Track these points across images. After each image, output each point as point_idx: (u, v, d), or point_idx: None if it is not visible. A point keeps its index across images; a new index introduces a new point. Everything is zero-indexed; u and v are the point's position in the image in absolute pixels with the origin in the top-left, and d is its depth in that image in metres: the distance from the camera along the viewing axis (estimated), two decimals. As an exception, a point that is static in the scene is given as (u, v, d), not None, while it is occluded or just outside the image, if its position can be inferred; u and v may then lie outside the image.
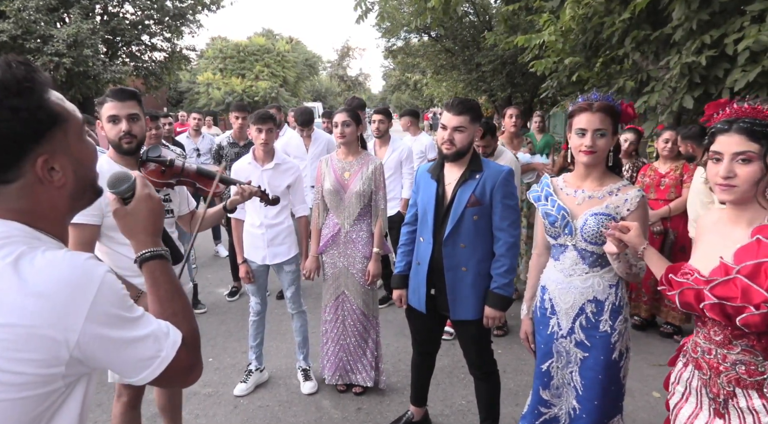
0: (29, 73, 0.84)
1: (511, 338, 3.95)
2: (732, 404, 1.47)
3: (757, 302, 1.32)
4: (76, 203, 0.97)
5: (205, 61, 29.07)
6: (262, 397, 3.23)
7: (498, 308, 2.33)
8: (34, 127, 0.85)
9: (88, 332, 0.84)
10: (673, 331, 4.05)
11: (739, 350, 1.44)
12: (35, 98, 0.85)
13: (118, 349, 0.88)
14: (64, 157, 0.90)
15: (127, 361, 0.90)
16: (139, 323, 0.91)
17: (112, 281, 0.89)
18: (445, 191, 2.41)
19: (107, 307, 0.86)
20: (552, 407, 2.14)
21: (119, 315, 0.88)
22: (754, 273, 1.34)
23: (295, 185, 3.27)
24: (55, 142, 0.89)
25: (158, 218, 1.09)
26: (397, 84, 34.96)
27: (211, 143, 6.07)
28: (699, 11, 4.14)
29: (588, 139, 1.89)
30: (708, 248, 1.54)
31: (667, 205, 3.94)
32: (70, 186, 0.92)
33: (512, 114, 4.57)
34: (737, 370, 1.45)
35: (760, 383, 1.41)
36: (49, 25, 14.24)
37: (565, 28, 5.52)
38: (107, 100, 2.02)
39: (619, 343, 1.96)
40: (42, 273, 0.82)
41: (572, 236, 1.97)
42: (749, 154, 1.39)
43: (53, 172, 0.89)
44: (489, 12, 13.66)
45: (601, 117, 1.89)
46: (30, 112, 0.84)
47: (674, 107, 4.52)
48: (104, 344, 0.86)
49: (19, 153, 0.85)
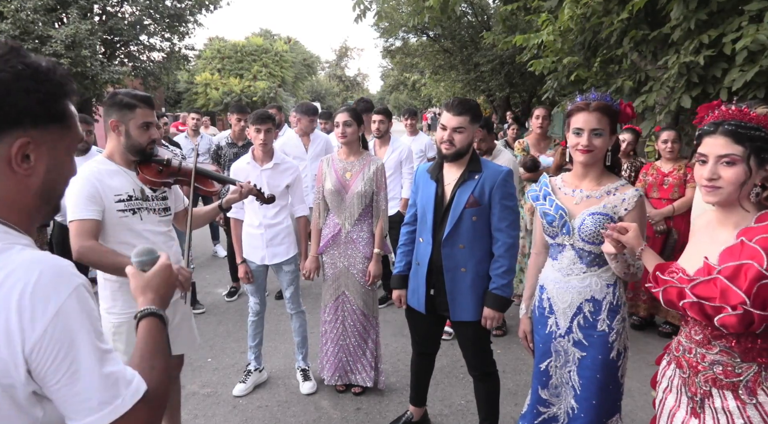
0: (66, 78, 0.91)
1: (510, 338, 3.95)
2: (708, 403, 1.48)
3: (734, 303, 1.33)
4: (40, 206, 0.93)
5: (203, 62, 29.00)
6: (261, 397, 3.23)
7: (497, 308, 2.33)
8: (36, 110, 0.86)
9: (49, 332, 0.79)
10: (671, 330, 4.05)
11: (718, 351, 1.46)
12: (55, 93, 0.89)
13: (71, 375, 0.81)
14: (43, 154, 0.89)
15: (76, 395, 0.81)
16: (105, 357, 0.84)
17: (87, 294, 0.85)
18: (444, 192, 2.41)
19: (77, 313, 0.81)
20: (551, 407, 2.14)
21: (87, 328, 0.82)
22: (734, 274, 1.35)
23: (294, 185, 3.27)
24: (45, 137, 0.89)
25: (170, 289, 1.13)
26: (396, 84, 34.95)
27: (209, 143, 6.07)
28: (697, 11, 4.15)
29: (585, 138, 1.90)
30: (696, 248, 1.56)
31: (671, 205, 3.94)
32: (36, 183, 0.90)
33: (539, 115, 4.32)
34: (714, 370, 1.46)
35: (735, 384, 1.43)
36: (47, 26, 14.19)
37: (564, 28, 5.53)
38: (139, 106, 2.04)
39: (617, 342, 1.96)
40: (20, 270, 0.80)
41: (570, 235, 1.97)
42: (733, 157, 1.40)
43: (26, 160, 0.87)
44: (487, 12, 13.68)
45: (598, 116, 1.89)
46: (43, 98, 0.87)
47: (672, 107, 4.53)
48: (59, 359, 0.80)
49: (8, 121, 0.84)
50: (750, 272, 1.31)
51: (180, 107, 27.14)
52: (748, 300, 1.31)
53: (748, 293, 1.31)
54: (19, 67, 0.84)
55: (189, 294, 2.27)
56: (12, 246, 0.84)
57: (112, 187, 2.04)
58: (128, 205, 2.08)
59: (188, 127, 6.28)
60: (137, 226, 2.10)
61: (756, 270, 1.30)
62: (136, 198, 2.11)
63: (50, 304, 0.80)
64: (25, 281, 0.79)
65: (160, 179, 2.17)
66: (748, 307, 1.31)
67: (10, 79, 0.83)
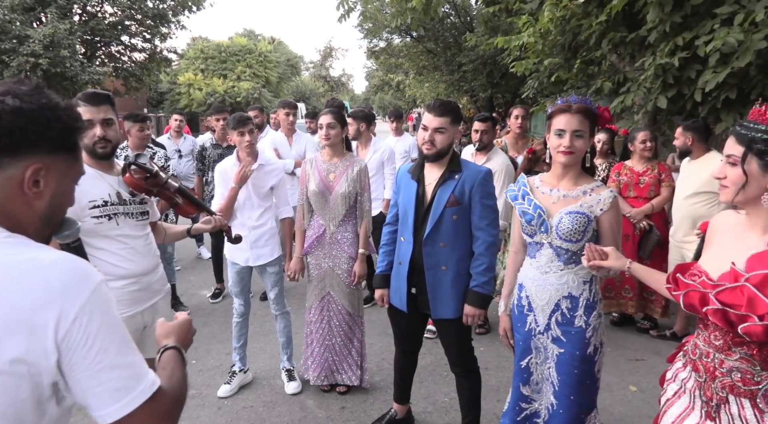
0: (79, 116, 1.03)
1: (493, 336, 4.00)
2: (724, 409, 1.46)
3: (762, 312, 1.29)
4: (40, 229, 1.00)
5: (186, 62, 28.64)
6: (246, 398, 3.23)
7: (477, 306, 2.37)
8: (53, 139, 0.96)
9: (80, 320, 0.86)
10: (649, 326, 4.15)
11: (738, 358, 1.43)
12: (71, 126, 1.00)
13: (99, 362, 0.88)
14: (52, 180, 0.98)
15: (102, 383, 0.88)
16: (129, 346, 0.93)
17: (107, 289, 0.94)
18: (425, 191, 2.45)
19: (103, 304, 0.90)
20: (532, 403, 2.19)
21: (112, 318, 0.91)
22: (763, 283, 1.31)
23: (278, 187, 3.28)
24: (56, 165, 0.98)
25: (188, 337, 1.27)
26: (380, 85, 34.99)
27: (192, 145, 6.04)
28: (672, 14, 4.24)
29: (566, 139, 1.95)
30: (720, 250, 1.51)
31: (649, 203, 4.02)
32: (41, 207, 0.98)
33: (518, 114, 4.36)
34: (733, 377, 1.43)
35: (753, 392, 1.40)
36: (24, 25, 13.96)
37: (544, 30, 5.60)
38: (80, 105, 1.99)
39: (594, 338, 2.01)
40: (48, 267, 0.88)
41: (548, 233, 2.02)
42: (734, 158, 1.40)
43: (36, 185, 0.95)
44: (470, 13, 13.77)
45: (580, 119, 1.94)
46: (60, 129, 0.97)
47: (649, 107, 4.63)
48: (88, 346, 0.87)
49: (28, 146, 0.93)
50: None
51: (163, 108, 26.81)
52: None
53: None
54: (43, 100, 0.95)
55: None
56: (30, 242, 0.94)
57: (86, 192, 1.99)
58: (103, 211, 2.04)
59: (171, 129, 6.24)
60: (113, 231, 2.06)
61: None
62: (112, 203, 2.08)
63: (80, 295, 0.88)
64: (54, 275, 0.87)
65: (144, 187, 2.16)
66: None
67: (35, 109, 0.93)
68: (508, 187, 2.28)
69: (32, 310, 0.84)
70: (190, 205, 2.45)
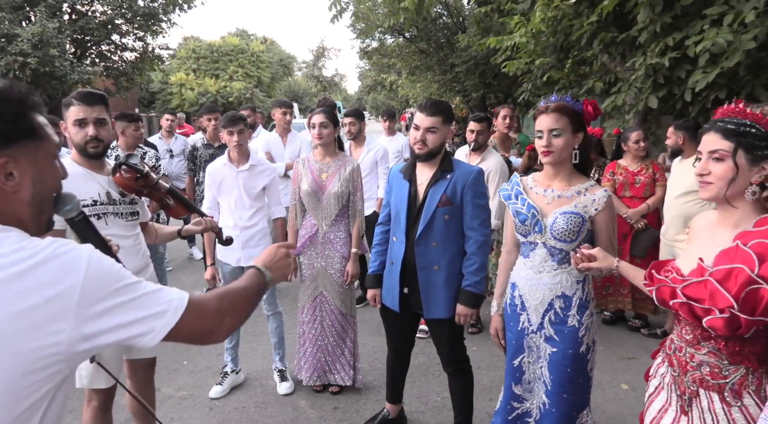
0: (25, 94, 0.97)
1: (486, 335, 3.99)
2: (695, 403, 1.50)
3: (722, 306, 1.32)
4: (36, 215, 1.00)
5: (178, 62, 28.47)
6: (238, 399, 3.22)
7: (470, 305, 2.37)
8: (8, 131, 0.93)
9: (89, 278, 0.88)
10: (641, 324, 4.17)
11: (706, 352, 1.47)
12: (21, 111, 0.95)
13: (122, 305, 0.91)
14: (25, 168, 0.96)
15: (137, 315, 0.93)
16: (139, 282, 0.96)
17: (98, 258, 0.93)
18: (417, 191, 2.45)
19: (101, 261, 0.92)
20: (524, 402, 2.19)
21: (115, 270, 0.93)
22: (725, 278, 1.34)
23: (270, 187, 3.26)
24: (23, 152, 0.95)
25: (281, 268, 1.35)
26: (373, 85, 34.94)
27: (184, 144, 6.01)
28: (662, 15, 4.27)
29: (544, 139, 1.96)
30: (695, 248, 1.55)
31: (645, 203, 4.05)
32: (26, 194, 0.97)
33: (506, 114, 4.38)
34: (702, 371, 1.47)
35: (721, 386, 1.44)
36: (13, 24, 13.80)
37: (536, 30, 5.63)
38: (74, 103, 2.00)
39: (586, 337, 2.02)
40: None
41: (542, 233, 2.02)
42: (721, 153, 1.41)
43: (10, 177, 0.94)
44: (462, 13, 13.78)
45: (556, 117, 1.94)
46: (10, 118, 0.93)
47: (640, 107, 4.66)
48: (108, 298, 0.90)
49: None
50: (740, 277, 1.31)
51: (154, 108, 26.63)
52: (736, 304, 1.30)
53: (736, 297, 1.30)
54: None
55: None
56: (26, 235, 0.93)
57: (75, 191, 1.96)
58: (92, 211, 2.03)
59: (163, 129, 6.21)
60: (101, 231, 2.03)
61: (746, 275, 1.30)
62: (101, 203, 2.07)
63: (80, 261, 0.89)
64: (56, 252, 0.88)
65: (134, 187, 2.15)
66: (736, 311, 1.30)
67: None
68: (502, 186, 2.28)
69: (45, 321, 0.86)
70: (180, 207, 2.44)
